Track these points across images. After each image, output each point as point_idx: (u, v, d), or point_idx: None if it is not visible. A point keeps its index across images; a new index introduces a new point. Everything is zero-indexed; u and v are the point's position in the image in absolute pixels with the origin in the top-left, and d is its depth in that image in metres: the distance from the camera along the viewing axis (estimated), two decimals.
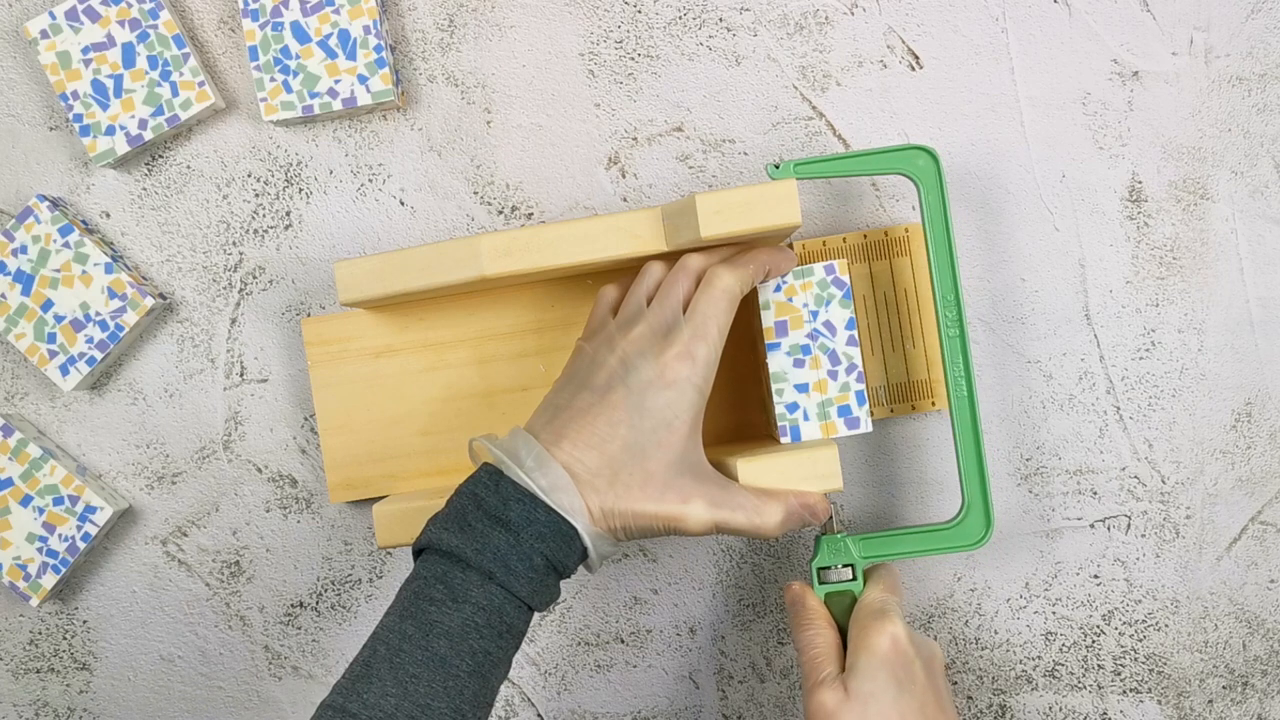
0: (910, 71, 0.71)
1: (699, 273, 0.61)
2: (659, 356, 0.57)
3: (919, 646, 0.61)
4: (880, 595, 0.63)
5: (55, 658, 0.73)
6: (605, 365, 0.59)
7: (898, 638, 0.60)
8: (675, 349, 0.57)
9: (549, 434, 0.57)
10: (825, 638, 0.63)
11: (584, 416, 0.57)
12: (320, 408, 0.70)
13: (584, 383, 0.59)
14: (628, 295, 0.62)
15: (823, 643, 0.62)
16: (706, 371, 0.58)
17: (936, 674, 0.61)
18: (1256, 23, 0.70)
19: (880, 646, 0.60)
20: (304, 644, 0.73)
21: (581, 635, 0.72)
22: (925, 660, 0.61)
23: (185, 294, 0.72)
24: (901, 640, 0.60)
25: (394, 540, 0.64)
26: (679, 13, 0.71)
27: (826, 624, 0.63)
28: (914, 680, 0.60)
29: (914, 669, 0.60)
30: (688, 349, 0.57)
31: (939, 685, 0.61)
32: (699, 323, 0.58)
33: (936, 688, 0.60)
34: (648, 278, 0.62)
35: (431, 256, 0.63)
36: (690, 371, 0.57)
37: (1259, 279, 0.70)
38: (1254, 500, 0.71)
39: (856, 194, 0.71)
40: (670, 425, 0.57)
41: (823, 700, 0.59)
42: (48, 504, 0.70)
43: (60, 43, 0.69)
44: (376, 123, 0.72)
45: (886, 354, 0.69)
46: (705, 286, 0.59)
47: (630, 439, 0.57)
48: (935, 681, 0.61)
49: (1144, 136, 0.70)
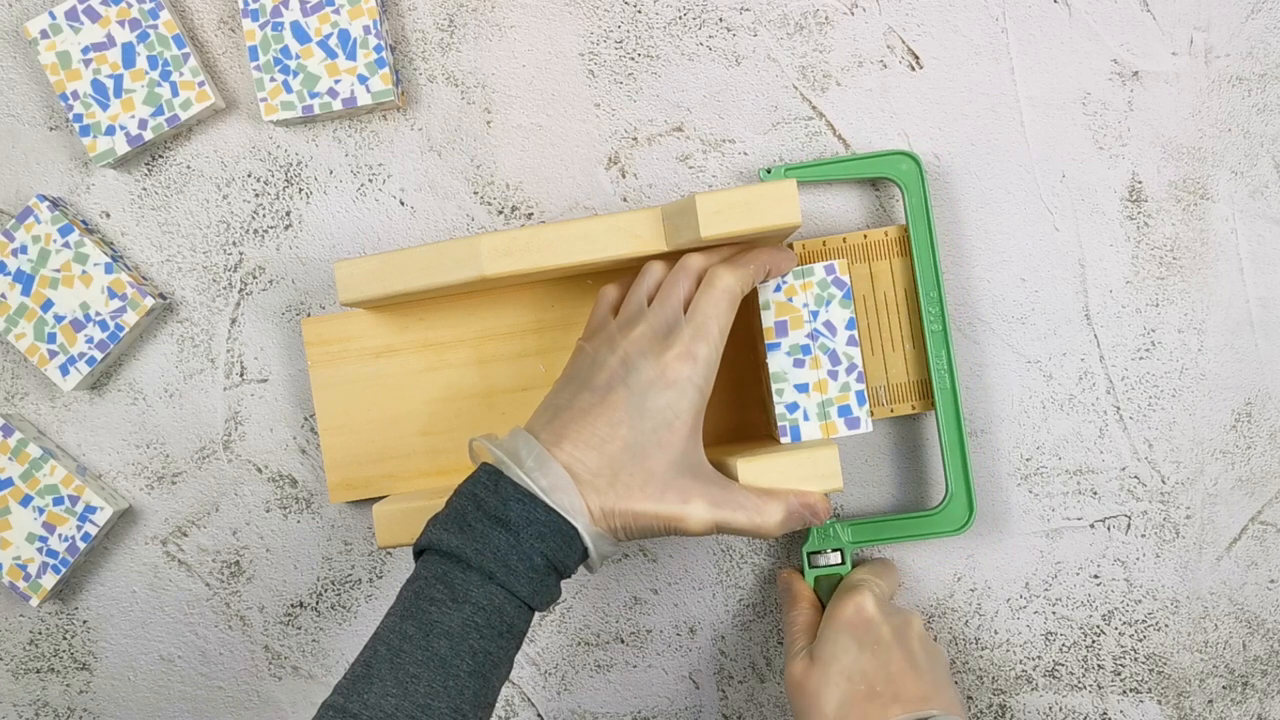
0: (910, 71, 0.71)
1: (700, 272, 0.61)
2: (660, 356, 0.57)
3: (889, 614, 0.64)
4: (860, 575, 0.66)
5: (55, 658, 0.73)
6: (606, 365, 0.59)
7: (862, 606, 0.63)
8: (676, 349, 0.57)
9: (549, 434, 0.57)
10: (805, 616, 0.66)
11: (585, 417, 0.57)
12: (320, 408, 0.70)
13: (585, 383, 0.59)
14: (628, 295, 0.62)
15: (801, 621, 0.65)
16: (708, 371, 0.58)
17: (909, 639, 0.63)
18: (1256, 23, 0.70)
19: (844, 614, 0.63)
20: (304, 644, 0.73)
21: (581, 635, 0.72)
22: (895, 626, 0.63)
23: (185, 294, 0.72)
24: (866, 608, 0.63)
25: (394, 540, 0.64)
26: (679, 13, 0.71)
27: (810, 605, 0.67)
28: (878, 641, 0.62)
29: (879, 631, 0.62)
30: (689, 349, 0.57)
31: (911, 649, 0.62)
32: (700, 322, 0.58)
33: (908, 651, 0.62)
34: (648, 278, 0.62)
35: (431, 256, 0.63)
36: (691, 371, 0.57)
37: (1259, 279, 0.70)
38: (1254, 500, 0.71)
39: (857, 194, 0.71)
40: (671, 425, 0.57)
41: (792, 671, 0.63)
42: (48, 504, 0.70)
43: (60, 43, 0.69)
44: (376, 123, 0.72)
45: (886, 354, 0.69)
46: (706, 286, 0.59)
47: (631, 439, 0.57)
48: (906, 645, 0.62)
49: (1144, 136, 0.70)
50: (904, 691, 0.60)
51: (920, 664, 0.62)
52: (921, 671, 0.61)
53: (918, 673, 0.61)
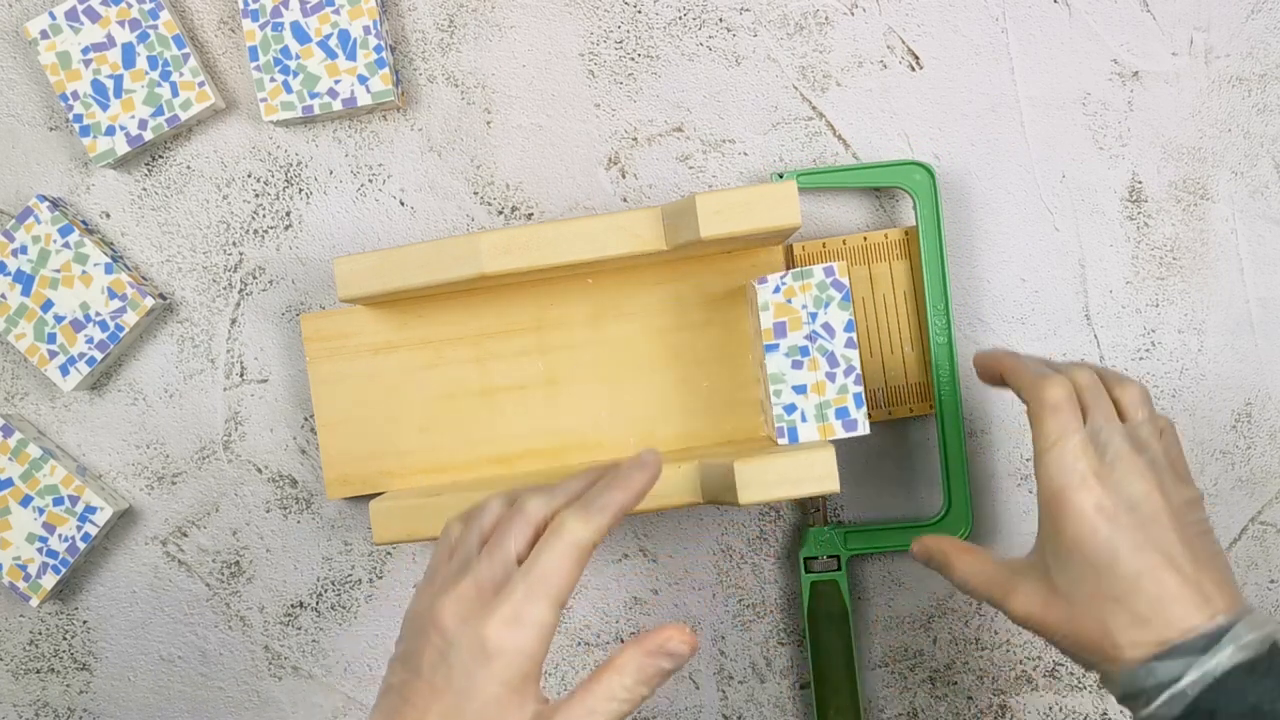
0: (910, 72, 0.71)
1: (541, 520, 0.52)
2: (483, 624, 0.49)
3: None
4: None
5: (55, 658, 0.73)
6: (428, 636, 0.51)
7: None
8: (501, 612, 0.49)
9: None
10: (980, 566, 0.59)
11: (407, 705, 0.50)
12: (318, 404, 0.70)
13: (410, 659, 0.51)
14: (460, 536, 0.53)
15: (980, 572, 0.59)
16: (540, 634, 0.49)
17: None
18: (1256, 23, 0.70)
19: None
20: (304, 644, 0.73)
21: (581, 635, 0.72)
22: None
23: (185, 294, 0.72)
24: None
25: (391, 537, 0.64)
26: (679, 13, 0.71)
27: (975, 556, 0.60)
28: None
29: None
30: (516, 613, 0.49)
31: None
32: (535, 579, 0.49)
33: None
34: (484, 517, 0.53)
35: (431, 253, 0.63)
36: (520, 640, 0.49)
37: (1259, 279, 0.70)
38: (1254, 500, 0.71)
39: (857, 196, 0.71)
40: (499, 699, 0.49)
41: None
42: (48, 504, 0.70)
43: (60, 43, 0.69)
44: (376, 123, 0.72)
45: (885, 357, 0.69)
46: (551, 536, 0.50)
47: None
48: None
49: (1144, 136, 0.70)
50: None
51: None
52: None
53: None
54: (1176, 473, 0.56)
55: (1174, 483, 0.55)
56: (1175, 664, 0.52)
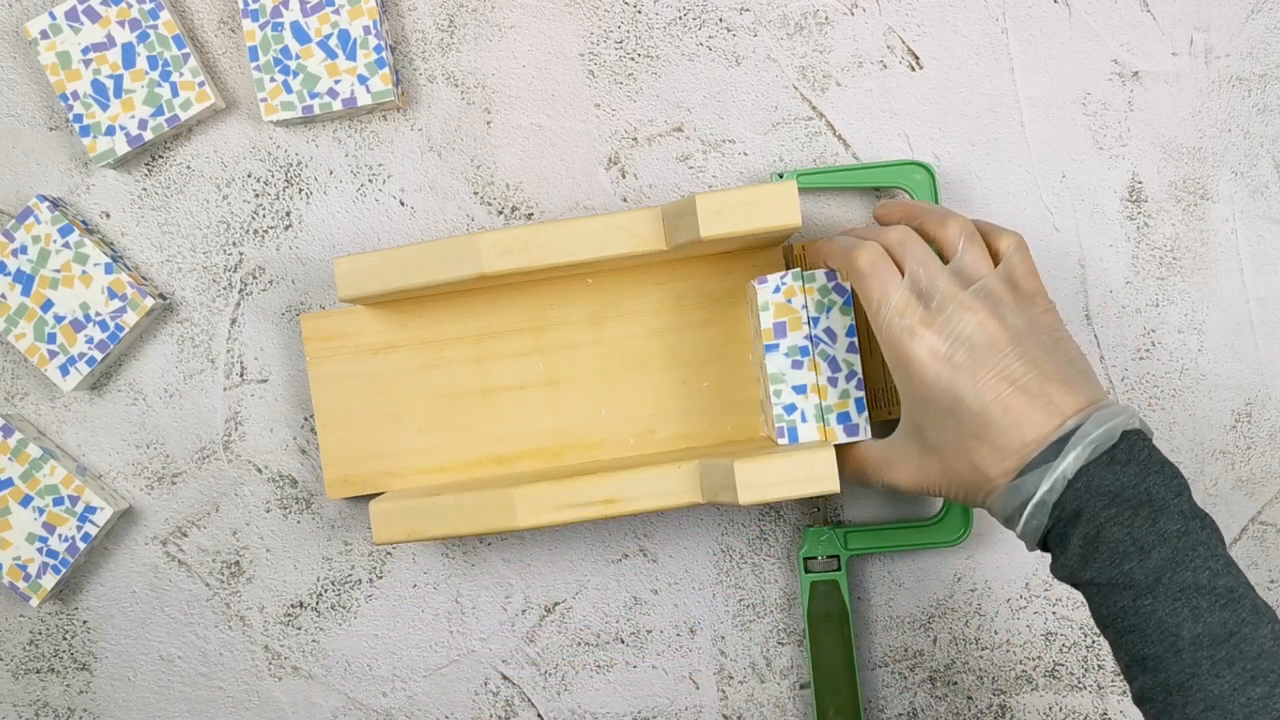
0: (910, 72, 0.71)
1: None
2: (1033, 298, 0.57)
3: None
4: None
5: (55, 658, 0.73)
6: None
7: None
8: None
9: None
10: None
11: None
12: (318, 403, 0.70)
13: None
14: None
15: None
16: None
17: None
18: (1256, 23, 0.70)
19: None
20: (304, 644, 0.73)
21: (581, 635, 0.72)
22: None
23: (185, 294, 0.72)
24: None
25: (391, 537, 0.64)
26: (679, 13, 0.71)
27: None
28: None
29: None
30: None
31: None
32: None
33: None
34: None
35: (431, 253, 0.63)
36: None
37: (1259, 279, 0.70)
38: (1254, 500, 0.71)
39: (857, 196, 0.71)
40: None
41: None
42: (48, 504, 0.70)
43: (60, 43, 0.69)
44: (376, 123, 0.72)
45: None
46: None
47: None
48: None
49: (1144, 136, 0.70)
50: None
51: None
52: None
53: None
54: (1019, 290, 0.57)
55: (1014, 302, 0.57)
56: (1033, 476, 0.53)
